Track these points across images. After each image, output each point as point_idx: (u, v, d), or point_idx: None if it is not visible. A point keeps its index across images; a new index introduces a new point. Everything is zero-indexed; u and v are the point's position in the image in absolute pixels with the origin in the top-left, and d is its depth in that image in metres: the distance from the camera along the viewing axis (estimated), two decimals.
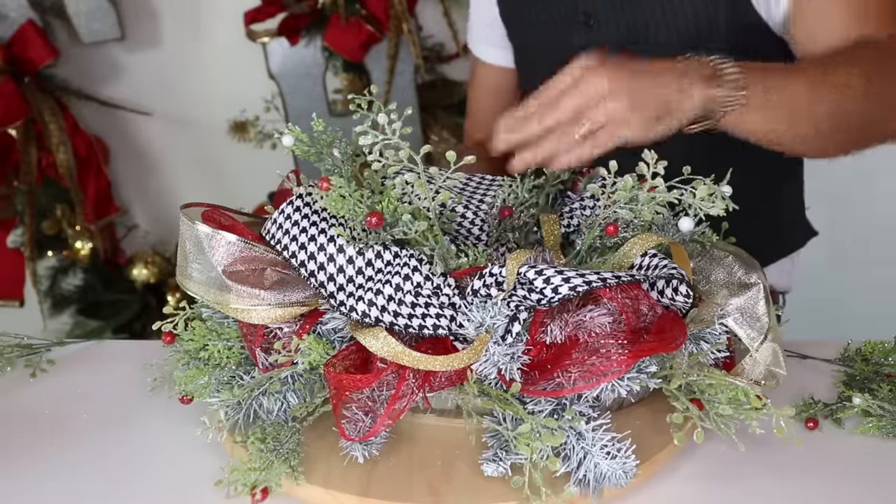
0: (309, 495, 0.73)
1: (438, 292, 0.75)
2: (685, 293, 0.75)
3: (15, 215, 1.96)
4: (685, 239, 0.84)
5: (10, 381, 0.95)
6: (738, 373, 0.79)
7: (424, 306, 0.74)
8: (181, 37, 2.09)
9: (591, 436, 0.70)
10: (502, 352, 0.71)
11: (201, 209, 0.82)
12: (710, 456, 0.78)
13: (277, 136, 0.86)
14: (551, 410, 0.71)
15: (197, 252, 0.77)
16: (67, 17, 1.91)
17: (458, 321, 0.74)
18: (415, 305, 0.74)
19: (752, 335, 0.79)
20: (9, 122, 1.85)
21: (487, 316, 0.72)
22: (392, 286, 0.74)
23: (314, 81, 1.99)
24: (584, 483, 0.69)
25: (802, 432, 0.82)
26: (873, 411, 0.81)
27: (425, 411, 0.78)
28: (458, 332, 0.74)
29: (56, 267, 2.04)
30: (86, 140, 1.96)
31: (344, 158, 0.83)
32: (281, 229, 0.79)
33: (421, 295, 0.75)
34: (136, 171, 2.18)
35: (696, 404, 0.72)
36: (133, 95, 2.09)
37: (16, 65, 1.87)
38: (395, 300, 0.74)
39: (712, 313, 0.78)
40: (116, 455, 0.81)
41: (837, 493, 0.73)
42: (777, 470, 0.76)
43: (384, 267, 0.76)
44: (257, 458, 0.72)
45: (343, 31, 1.90)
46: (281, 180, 0.90)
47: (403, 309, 0.74)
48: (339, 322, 0.76)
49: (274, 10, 1.93)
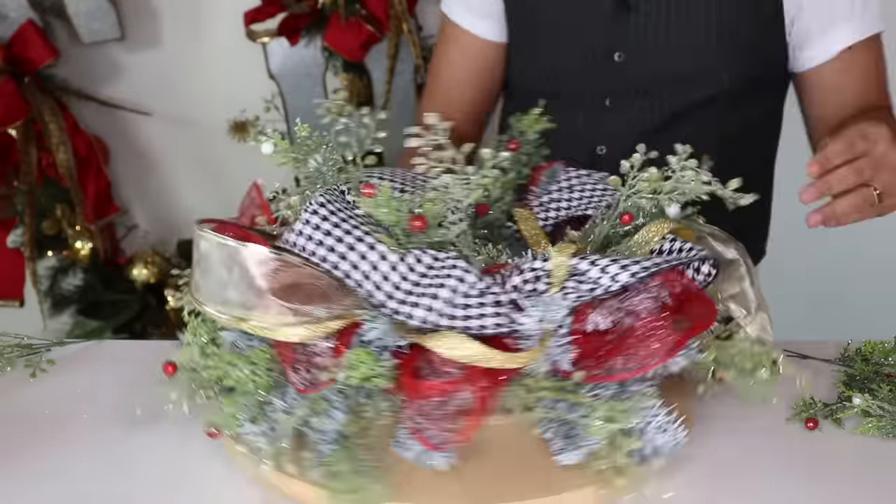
0: None
1: (486, 291, 0.75)
2: (707, 272, 0.78)
3: (15, 215, 1.96)
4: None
5: (10, 381, 0.95)
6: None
7: (478, 306, 0.74)
8: (181, 37, 2.09)
9: (647, 413, 0.72)
10: (555, 344, 0.72)
11: (214, 225, 0.79)
12: (710, 456, 0.78)
13: (261, 139, 0.84)
14: (612, 394, 0.72)
15: (221, 268, 0.74)
16: (67, 17, 1.90)
17: (517, 318, 0.74)
18: (468, 307, 0.74)
19: (740, 310, 0.82)
20: (9, 122, 1.85)
21: (548, 310, 0.73)
22: (447, 289, 0.74)
23: (314, 81, 1.99)
24: (644, 459, 0.71)
25: (802, 432, 0.82)
26: (873, 411, 0.81)
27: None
28: (516, 328, 0.74)
29: (56, 267, 2.04)
30: (86, 140, 1.96)
31: (327, 166, 0.82)
32: (312, 241, 0.77)
33: (471, 296, 0.74)
34: (136, 171, 2.18)
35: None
36: (133, 95, 2.09)
37: (16, 65, 1.87)
38: (452, 303, 0.74)
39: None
40: (116, 455, 0.81)
41: (837, 493, 0.73)
42: (777, 470, 0.76)
43: (427, 271, 0.76)
44: (349, 482, 0.69)
45: (343, 31, 1.90)
46: (248, 189, 0.87)
47: (459, 311, 0.73)
48: (379, 331, 0.73)
49: (274, 10, 1.93)
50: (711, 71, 1.12)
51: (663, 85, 1.14)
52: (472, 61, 1.25)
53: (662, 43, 1.12)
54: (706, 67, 1.12)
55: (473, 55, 1.25)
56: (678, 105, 1.14)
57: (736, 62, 1.12)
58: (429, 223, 0.76)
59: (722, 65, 1.12)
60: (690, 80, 1.13)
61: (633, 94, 1.15)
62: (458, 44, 1.25)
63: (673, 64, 1.12)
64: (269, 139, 0.80)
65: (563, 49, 1.17)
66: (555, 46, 1.18)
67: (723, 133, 1.15)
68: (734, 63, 1.12)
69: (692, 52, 1.11)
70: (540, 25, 1.19)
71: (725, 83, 1.13)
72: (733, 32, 1.11)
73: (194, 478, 0.77)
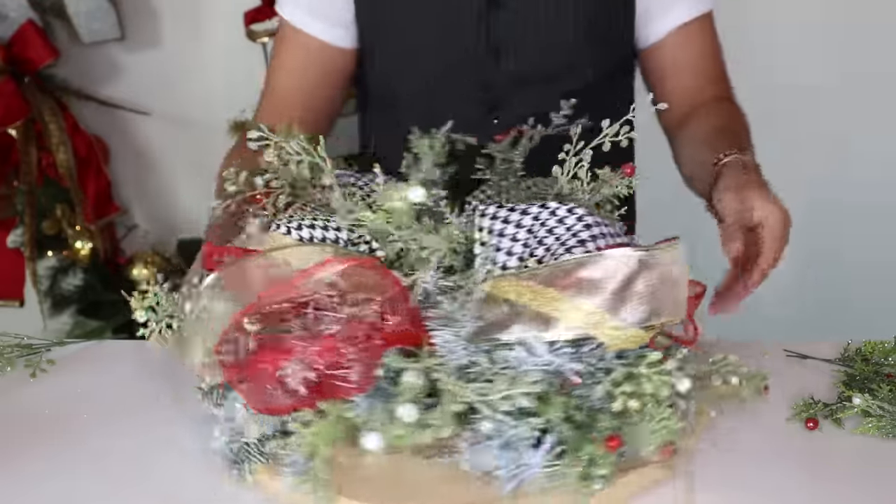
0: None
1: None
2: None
3: (15, 215, 1.96)
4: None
5: (10, 381, 0.95)
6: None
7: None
8: (181, 37, 2.09)
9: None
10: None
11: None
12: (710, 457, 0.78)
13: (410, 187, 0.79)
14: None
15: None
16: (67, 17, 1.91)
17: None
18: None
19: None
20: (9, 122, 1.85)
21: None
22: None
23: None
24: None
25: (802, 432, 0.82)
26: (873, 411, 0.81)
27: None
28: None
29: (56, 267, 2.04)
30: (86, 140, 1.96)
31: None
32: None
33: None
34: (136, 171, 2.18)
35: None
36: (133, 95, 2.09)
37: (16, 65, 1.87)
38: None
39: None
40: (117, 455, 0.81)
41: (837, 493, 0.73)
42: (776, 470, 0.76)
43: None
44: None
45: None
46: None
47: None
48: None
49: (274, 10, 1.93)
50: (579, 66, 1.15)
51: (536, 81, 1.15)
52: (315, 67, 1.18)
53: (532, 40, 1.13)
54: (575, 63, 1.15)
55: (317, 61, 1.18)
56: (550, 100, 1.12)
57: (601, 55, 1.16)
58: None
59: (589, 59, 1.15)
60: (560, 77, 1.15)
61: (510, 90, 1.15)
62: (298, 48, 1.18)
63: (544, 61, 1.14)
64: (416, 184, 0.74)
65: (435, 50, 1.15)
66: (426, 48, 1.15)
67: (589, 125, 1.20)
68: (600, 56, 1.16)
69: (561, 49, 1.14)
70: (406, 29, 1.15)
71: (591, 77, 1.16)
72: (597, 25, 1.14)
73: (195, 477, 0.77)
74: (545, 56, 1.14)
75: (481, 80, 1.15)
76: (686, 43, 1.19)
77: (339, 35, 1.17)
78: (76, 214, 1.95)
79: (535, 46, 1.14)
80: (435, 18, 1.14)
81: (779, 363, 0.94)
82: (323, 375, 0.67)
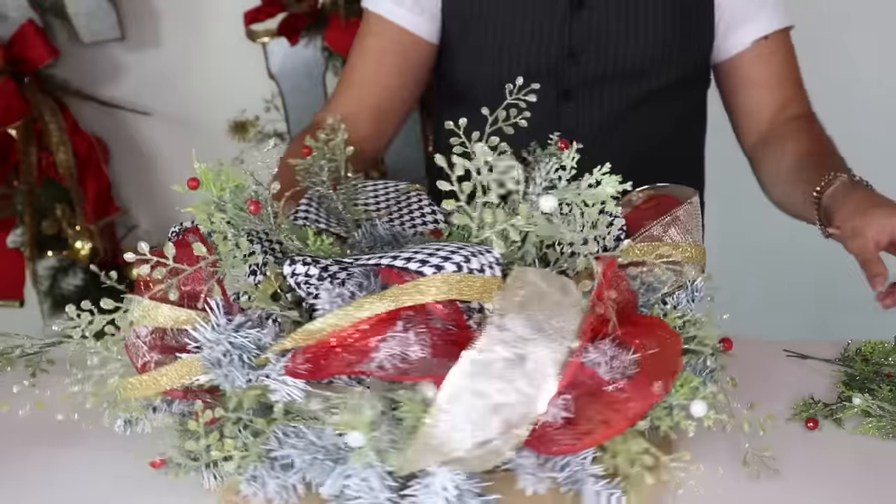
0: None
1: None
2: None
3: (15, 215, 1.96)
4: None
5: (10, 380, 0.95)
6: None
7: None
8: (181, 37, 2.09)
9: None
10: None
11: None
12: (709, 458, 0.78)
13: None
14: None
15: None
16: (67, 17, 1.91)
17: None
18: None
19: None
20: (9, 122, 1.86)
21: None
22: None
23: (314, 81, 1.99)
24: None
25: (803, 433, 0.82)
26: (873, 411, 0.81)
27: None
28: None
29: (56, 267, 2.04)
30: (86, 140, 1.96)
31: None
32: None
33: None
34: (136, 171, 2.18)
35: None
36: (133, 95, 2.09)
37: (16, 65, 1.87)
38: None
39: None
40: (117, 455, 0.81)
41: (837, 494, 0.73)
42: (776, 470, 0.76)
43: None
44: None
45: (343, 32, 1.90)
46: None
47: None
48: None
49: (274, 10, 1.93)
50: (661, 63, 1.15)
51: (618, 79, 1.16)
52: (394, 55, 1.16)
53: (615, 38, 1.14)
54: (648, 67, 1.15)
55: (400, 51, 1.16)
56: (635, 97, 1.17)
57: (676, 62, 1.16)
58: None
59: (663, 65, 1.16)
60: (632, 79, 1.16)
61: (590, 87, 1.16)
62: (379, 36, 1.16)
63: (628, 58, 1.14)
64: (550, 194, 0.68)
65: (517, 51, 1.15)
66: (509, 49, 1.16)
67: (667, 124, 1.21)
68: (675, 63, 1.16)
69: (644, 46, 1.14)
70: (490, 26, 1.15)
71: (663, 82, 1.16)
72: (675, 33, 1.14)
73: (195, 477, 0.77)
74: (621, 58, 1.15)
75: (557, 79, 1.16)
76: (764, 57, 1.18)
77: (422, 25, 1.16)
78: (76, 214, 1.96)
79: (612, 49, 1.15)
80: (521, 18, 1.14)
81: (779, 363, 0.94)
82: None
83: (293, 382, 0.64)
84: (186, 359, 0.67)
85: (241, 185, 0.74)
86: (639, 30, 1.14)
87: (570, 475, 0.61)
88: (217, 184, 0.72)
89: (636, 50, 1.14)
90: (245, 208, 0.72)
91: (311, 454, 0.64)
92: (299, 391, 0.64)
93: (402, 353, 0.62)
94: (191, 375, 0.67)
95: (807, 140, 1.12)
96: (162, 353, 0.70)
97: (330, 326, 0.64)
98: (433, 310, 0.64)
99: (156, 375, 0.69)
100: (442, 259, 0.63)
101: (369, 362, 0.62)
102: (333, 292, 0.66)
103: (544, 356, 0.59)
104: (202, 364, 0.66)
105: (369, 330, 0.63)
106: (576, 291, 0.63)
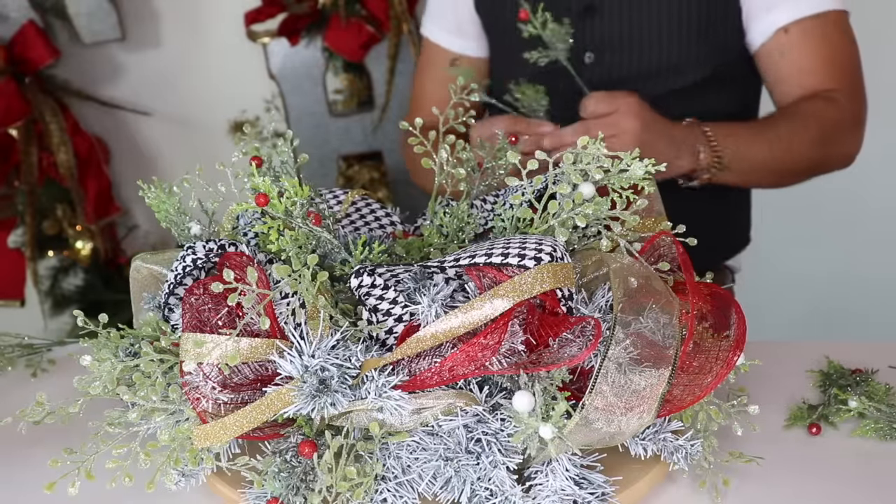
0: None
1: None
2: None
3: (16, 215, 1.97)
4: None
5: (10, 381, 0.96)
6: None
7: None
8: (181, 37, 2.09)
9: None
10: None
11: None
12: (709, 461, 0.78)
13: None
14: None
15: None
16: (68, 17, 1.91)
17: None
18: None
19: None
20: (9, 122, 1.86)
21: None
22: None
23: (314, 82, 1.99)
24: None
25: (800, 435, 0.82)
26: (869, 414, 0.81)
27: None
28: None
29: (57, 267, 2.05)
30: (86, 140, 1.97)
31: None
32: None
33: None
34: (137, 171, 2.18)
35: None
36: (133, 95, 2.09)
37: (17, 65, 1.88)
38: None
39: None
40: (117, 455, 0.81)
41: (835, 495, 0.73)
42: (774, 473, 0.76)
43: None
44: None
45: (343, 32, 1.91)
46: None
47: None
48: None
49: (274, 10, 1.93)
50: (679, 65, 1.16)
51: (632, 81, 1.16)
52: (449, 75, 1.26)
53: (628, 41, 1.15)
54: (672, 63, 1.16)
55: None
56: (658, 95, 1.15)
57: (698, 58, 1.16)
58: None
59: (687, 58, 1.16)
60: (658, 75, 1.16)
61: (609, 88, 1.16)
62: (435, 60, 1.34)
63: (644, 61, 1.16)
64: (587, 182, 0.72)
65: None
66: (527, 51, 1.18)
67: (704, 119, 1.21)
68: (697, 59, 1.16)
69: (658, 48, 1.15)
70: (511, 32, 1.20)
71: (692, 75, 1.16)
72: (692, 30, 1.15)
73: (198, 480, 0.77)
74: (636, 62, 1.16)
75: (572, 81, 1.16)
76: (792, 47, 1.12)
77: (468, 45, 1.32)
78: (77, 214, 1.96)
79: (626, 51, 1.16)
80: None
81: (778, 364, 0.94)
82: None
83: (399, 395, 0.63)
84: (274, 392, 0.63)
85: (314, 194, 0.75)
86: (652, 35, 1.15)
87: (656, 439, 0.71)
88: (287, 199, 0.70)
89: (650, 54, 1.15)
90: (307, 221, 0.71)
91: (433, 464, 0.64)
92: (407, 405, 0.64)
93: (510, 347, 0.65)
94: (276, 410, 0.63)
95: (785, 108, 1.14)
96: (234, 392, 0.66)
97: (442, 333, 0.64)
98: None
99: (238, 417, 0.64)
100: (535, 251, 0.66)
101: (490, 361, 0.63)
102: (434, 297, 0.67)
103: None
104: (294, 394, 0.63)
105: (491, 327, 0.64)
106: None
